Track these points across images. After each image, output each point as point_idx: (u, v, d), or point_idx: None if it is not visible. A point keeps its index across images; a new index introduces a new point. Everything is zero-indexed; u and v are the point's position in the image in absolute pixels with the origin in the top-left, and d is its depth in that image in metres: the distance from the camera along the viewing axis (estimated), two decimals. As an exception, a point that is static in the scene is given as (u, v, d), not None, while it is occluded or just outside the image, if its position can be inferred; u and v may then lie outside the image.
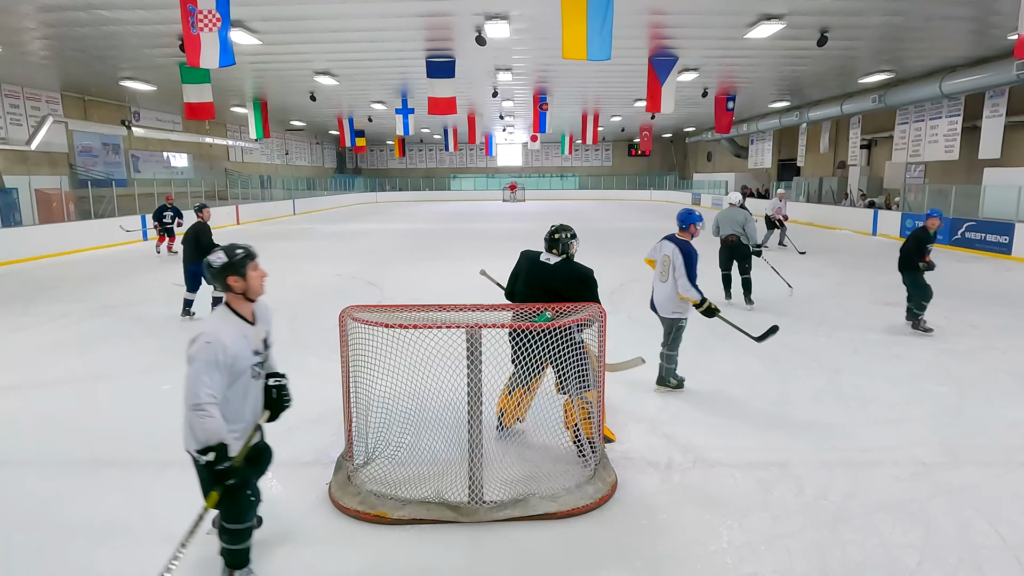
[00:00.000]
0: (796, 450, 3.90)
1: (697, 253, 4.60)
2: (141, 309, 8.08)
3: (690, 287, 4.47)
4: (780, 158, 26.09)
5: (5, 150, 15.50)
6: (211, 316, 2.54)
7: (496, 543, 2.96)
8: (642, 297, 8.66)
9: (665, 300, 4.68)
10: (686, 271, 4.48)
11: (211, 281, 2.56)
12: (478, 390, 3.09)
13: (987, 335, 6.54)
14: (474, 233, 18.60)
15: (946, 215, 14.59)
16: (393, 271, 11.17)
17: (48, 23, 10.11)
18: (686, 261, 4.50)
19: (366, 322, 3.15)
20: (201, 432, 2.35)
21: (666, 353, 4.83)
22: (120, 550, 2.92)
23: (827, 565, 2.77)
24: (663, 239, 4.80)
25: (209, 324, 2.48)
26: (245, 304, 2.56)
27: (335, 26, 10.47)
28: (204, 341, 2.37)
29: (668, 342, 4.80)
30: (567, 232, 3.89)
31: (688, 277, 4.48)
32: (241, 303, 2.55)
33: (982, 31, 10.93)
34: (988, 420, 4.39)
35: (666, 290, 4.65)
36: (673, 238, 4.71)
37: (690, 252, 4.55)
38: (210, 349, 2.35)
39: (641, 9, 9.55)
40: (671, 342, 4.78)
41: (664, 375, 4.87)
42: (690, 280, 4.48)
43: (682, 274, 4.49)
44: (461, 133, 29.86)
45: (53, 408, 4.70)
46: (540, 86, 17.57)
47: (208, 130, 23.36)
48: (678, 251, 4.54)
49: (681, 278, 4.49)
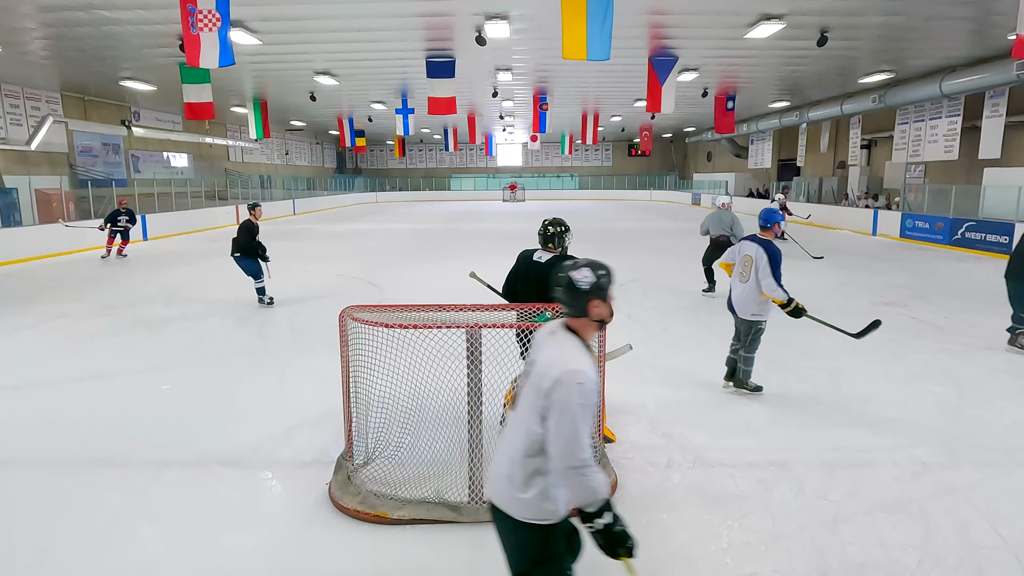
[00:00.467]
0: (796, 450, 3.90)
1: (781, 252, 4.50)
2: (141, 309, 8.08)
3: (776, 287, 4.37)
4: (780, 158, 26.10)
5: (5, 150, 15.51)
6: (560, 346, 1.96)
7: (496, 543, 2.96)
8: (642, 297, 8.70)
9: (745, 300, 4.58)
10: (771, 271, 4.38)
11: (565, 300, 2.03)
12: (478, 390, 3.09)
13: (987, 335, 6.54)
14: (474, 233, 18.61)
15: (946, 215, 14.62)
16: (393, 271, 11.17)
17: (48, 23, 10.11)
18: (771, 261, 4.40)
19: (366, 322, 3.15)
20: (588, 492, 1.85)
21: (744, 355, 4.73)
22: (120, 550, 2.92)
23: (827, 565, 2.77)
24: (743, 239, 4.74)
25: (569, 358, 1.90)
26: (593, 332, 2.08)
27: (335, 26, 10.47)
28: (576, 382, 1.83)
29: (746, 344, 4.69)
30: (561, 226, 3.87)
31: (773, 276, 4.38)
32: (591, 332, 2.07)
33: (982, 31, 10.93)
34: (988, 420, 4.39)
35: (746, 291, 4.56)
36: (755, 238, 4.60)
37: (774, 252, 4.45)
38: (585, 392, 1.84)
39: (641, 9, 9.55)
40: (749, 344, 4.68)
41: (742, 377, 4.76)
42: (776, 280, 4.38)
43: (767, 274, 4.39)
44: (461, 133, 29.87)
45: (53, 408, 4.70)
46: (540, 86, 17.57)
47: (208, 130, 23.37)
48: (762, 251, 4.44)
49: (766, 278, 4.39)
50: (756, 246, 4.52)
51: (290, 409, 4.60)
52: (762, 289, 4.45)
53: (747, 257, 4.57)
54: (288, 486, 3.52)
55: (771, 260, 4.40)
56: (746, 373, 4.76)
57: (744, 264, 4.58)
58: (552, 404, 1.83)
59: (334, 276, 10.30)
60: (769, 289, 4.40)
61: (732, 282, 4.74)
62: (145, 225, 16.37)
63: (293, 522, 3.14)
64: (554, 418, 1.82)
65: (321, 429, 4.21)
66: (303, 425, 4.30)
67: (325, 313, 7.48)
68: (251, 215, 7.97)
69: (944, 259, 12.66)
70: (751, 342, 4.68)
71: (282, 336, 6.79)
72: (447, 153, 39.93)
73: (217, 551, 2.91)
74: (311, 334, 6.72)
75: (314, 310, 7.87)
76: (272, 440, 4.07)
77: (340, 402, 3.56)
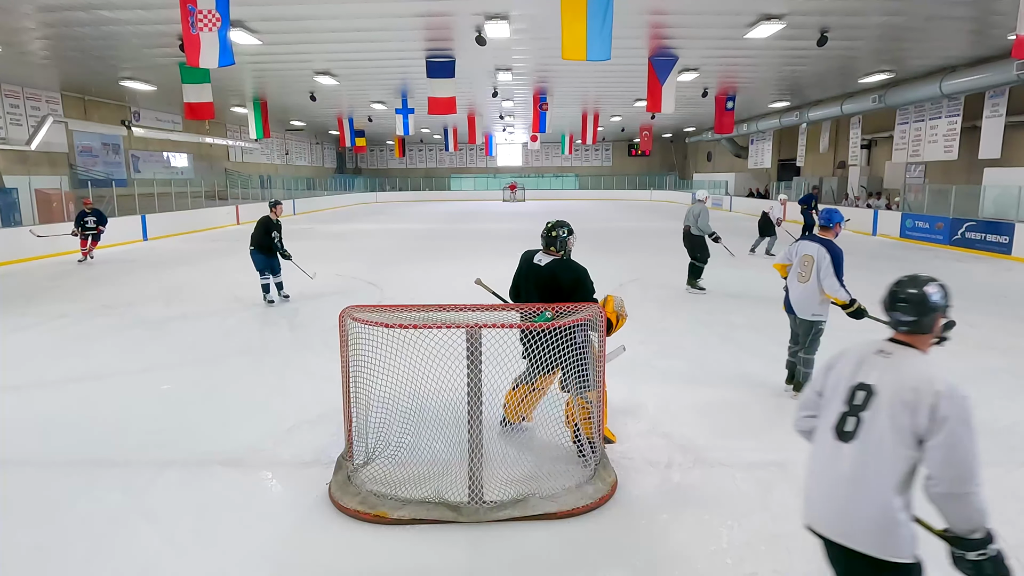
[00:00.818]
0: (796, 450, 3.87)
1: (843, 252, 4.47)
2: (140, 309, 8.08)
3: (839, 287, 4.34)
4: (780, 158, 26.10)
5: (5, 150, 15.51)
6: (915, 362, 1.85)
7: (496, 543, 2.96)
8: (642, 297, 8.70)
9: (805, 301, 4.54)
10: (834, 270, 4.36)
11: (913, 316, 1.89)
12: (478, 390, 3.09)
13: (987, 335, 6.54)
14: (474, 233, 18.61)
15: (946, 215, 14.62)
16: (393, 271, 11.17)
17: (48, 23, 10.11)
18: (834, 261, 4.38)
19: (366, 322, 3.15)
20: (978, 517, 1.71)
21: (803, 357, 4.65)
22: (120, 550, 2.92)
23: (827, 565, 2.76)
24: (800, 240, 4.71)
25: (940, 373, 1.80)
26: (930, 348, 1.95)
27: (335, 26, 10.47)
28: (962, 395, 1.72)
29: (805, 345, 4.63)
30: (563, 229, 3.85)
31: (836, 276, 4.35)
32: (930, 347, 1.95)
33: (982, 31, 10.93)
34: (988, 420, 4.38)
35: (806, 291, 4.51)
36: (816, 238, 4.57)
37: (837, 252, 4.43)
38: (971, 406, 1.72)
39: (641, 9, 9.55)
40: (808, 345, 4.62)
41: (802, 380, 4.67)
42: (839, 280, 4.36)
43: (829, 274, 4.36)
44: (461, 133, 29.86)
45: (53, 408, 4.70)
46: (540, 86, 17.58)
47: (208, 130, 23.37)
48: (824, 251, 4.41)
49: (828, 278, 4.36)
50: (818, 246, 4.48)
51: (290, 409, 4.60)
52: (824, 289, 4.42)
53: (807, 257, 4.52)
54: (288, 486, 3.52)
55: (834, 260, 4.38)
56: (806, 376, 4.66)
57: (803, 264, 4.53)
58: (941, 421, 1.69)
59: (334, 276, 10.30)
60: (832, 289, 4.37)
61: (789, 283, 4.68)
62: (145, 225, 16.37)
63: (293, 522, 3.14)
64: (945, 436, 1.67)
65: (321, 429, 4.21)
66: (303, 425, 4.30)
67: (325, 313, 7.48)
68: (271, 212, 8.19)
69: (944, 259, 12.66)
70: (811, 343, 4.62)
71: (282, 336, 6.79)
72: (447, 153, 39.92)
73: (217, 551, 2.91)
74: (311, 334, 6.72)
75: (314, 310, 7.88)
76: (272, 440, 4.07)
77: (340, 402, 3.56)
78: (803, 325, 4.62)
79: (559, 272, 3.77)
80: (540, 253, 3.90)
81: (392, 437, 3.61)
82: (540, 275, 3.81)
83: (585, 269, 3.78)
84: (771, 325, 7.07)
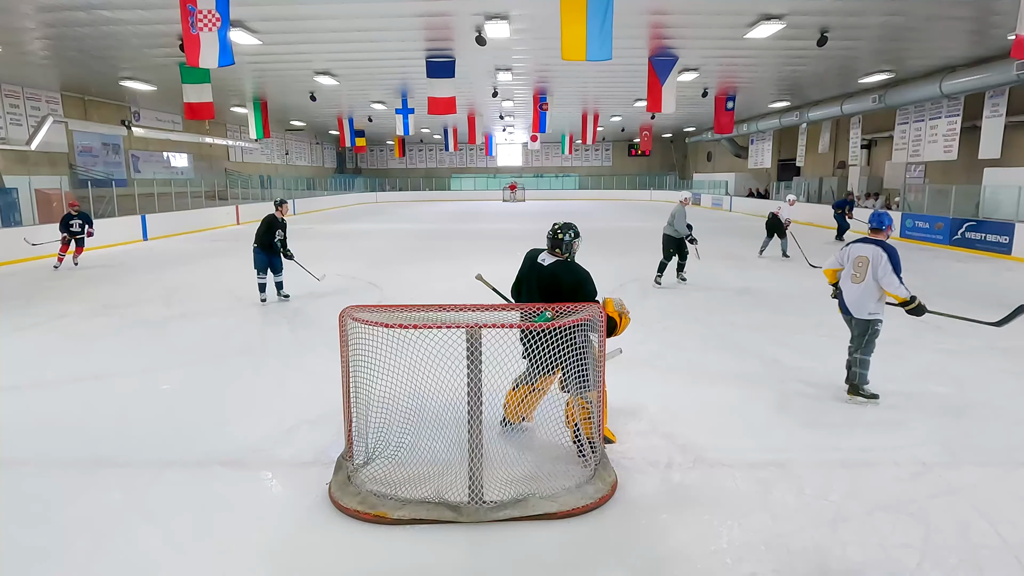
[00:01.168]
0: (796, 450, 3.90)
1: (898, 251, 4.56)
2: (141, 309, 8.08)
3: (899, 284, 4.43)
4: (780, 158, 26.09)
5: (5, 150, 15.51)
6: None
7: (496, 543, 2.96)
8: (642, 297, 8.70)
9: (862, 300, 4.59)
10: (892, 268, 4.44)
11: None
12: (478, 390, 3.09)
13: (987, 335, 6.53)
14: (474, 233, 18.61)
15: (946, 215, 14.62)
16: (393, 271, 11.17)
17: (48, 23, 10.11)
18: (891, 259, 4.46)
19: (366, 322, 3.15)
20: None
21: (860, 358, 4.65)
22: (120, 550, 2.92)
23: (827, 565, 2.77)
24: (852, 243, 4.76)
25: None
26: None
27: (335, 26, 10.47)
28: None
29: (862, 345, 4.65)
30: (571, 232, 3.84)
31: (896, 274, 4.44)
32: None
33: (982, 31, 10.93)
34: (988, 420, 4.39)
35: (861, 291, 4.58)
36: (869, 239, 4.66)
37: (893, 251, 4.51)
38: None
39: (641, 9, 9.55)
40: (865, 345, 4.64)
41: (858, 382, 4.66)
42: (898, 277, 4.44)
43: (888, 271, 4.44)
44: (461, 133, 29.87)
45: (53, 408, 4.69)
46: (540, 86, 17.58)
47: (208, 130, 23.37)
48: (881, 250, 4.50)
49: (887, 275, 4.44)
50: (872, 247, 4.57)
51: (290, 409, 4.60)
52: (884, 287, 4.49)
53: (861, 258, 4.59)
54: (288, 486, 3.52)
55: (891, 259, 4.47)
56: (862, 376, 4.66)
57: (857, 265, 4.61)
58: None
59: (334, 276, 10.30)
60: (893, 287, 4.45)
61: (843, 285, 4.73)
62: (145, 225, 16.37)
63: (293, 522, 3.14)
64: None
65: (321, 429, 4.21)
66: (303, 425, 4.30)
67: (325, 313, 7.48)
68: (276, 211, 8.18)
69: (944, 259, 12.66)
70: (867, 344, 4.65)
71: (282, 336, 6.79)
72: (447, 153, 39.93)
73: (217, 551, 2.91)
74: (311, 334, 6.72)
75: (314, 310, 7.88)
76: (272, 440, 4.07)
77: (340, 402, 3.56)
78: (859, 325, 4.66)
79: (561, 274, 3.77)
80: (545, 253, 3.90)
81: (392, 437, 3.61)
82: (542, 275, 3.81)
83: (588, 273, 3.77)
84: (771, 325, 7.08)
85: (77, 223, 11.51)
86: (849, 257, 4.71)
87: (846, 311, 4.74)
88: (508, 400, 3.93)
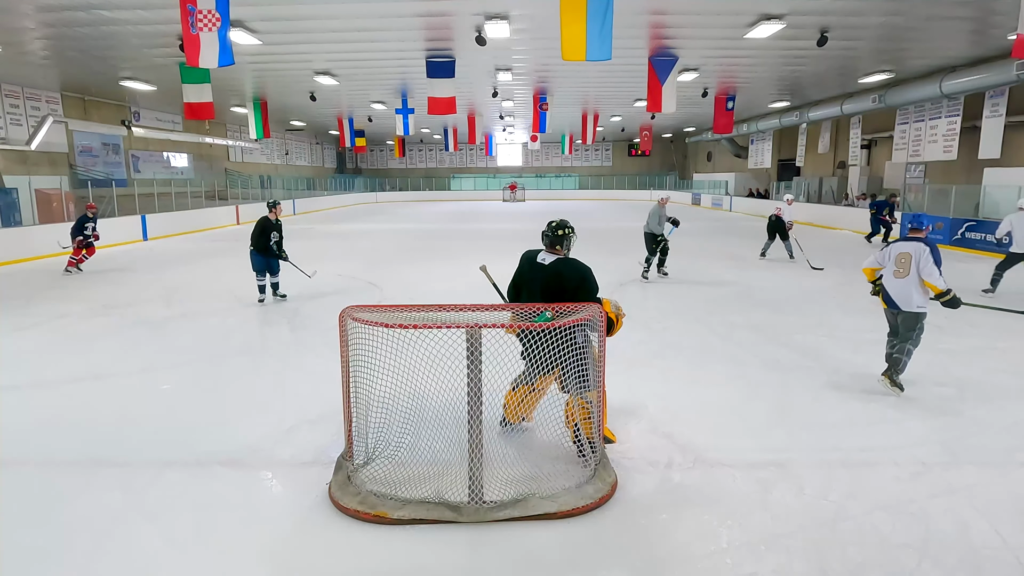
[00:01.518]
0: (796, 450, 3.90)
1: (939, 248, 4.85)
2: (141, 309, 8.08)
3: (939, 277, 4.70)
4: (780, 158, 26.10)
5: (5, 150, 15.51)
6: None
7: (496, 543, 2.96)
8: (642, 297, 8.71)
9: (908, 294, 4.82)
10: (934, 261, 4.73)
11: None
12: (478, 390, 3.09)
13: (987, 335, 6.54)
14: (474, 233, 18.61)
15: (946, 215, 14.62)
16: (393, 271, 11.17)
17: (48, 23, 10.11)
18: (933, 254, 4.75)
19: (366, 322, 3.15)
20: None
21: (909, 348, 4.88)
22: (120, 550, 2.92)
23: (827, 565, 2.77)
24: (894, 242, 5.05)
25: None
26: None
27: (335, 26, 10.47)
28: None
29: (913, 337, 4.86)
30: (569, 228, 3.88)
31: (936, 266, 4.73)
32: None
33: (982, 31, 10.93)
34: (988, 420, 4.39)
35: (907, 285, 4.82)
36: (911, 238, 4.93)
37: (935, 246, 4.80)
38: None
39: (641, 9, 9.55)
40: (915, 337, 4.86)
41: (900, 369, 4.85)
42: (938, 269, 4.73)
43: (929, 262, 4.72)
44: (461, 133, 29.87)
45: (53, 408, 4.69)
46: (540, 86, 17.57)
47: (208, 130, 23.37)
48: (923, 246, 4.78)
49: (928, 265, 4.72)
50: (915, 243, 4.84)
51: (290, 409, 4.60)
52: (924, 277, 4.74)
53: (904, 255, 4.85)
54: (288, 486, 3.52)
55: (933, 253, 4.76)
56: (905, 366, 4.88)
57: (900, 262, 4.86)
58: None
59: (334, 276, 10.30)
60: (932, 277, 4.71)
61: (887, 282, 4.95)
62: (145, 225, 16.37)
63: (293, 522, 3.14)
64: None
65: (321, 429, 4.21)
66: (303, 425, 4.30)
67: (325, 313, 7.48)
68: (270, 213, 8.19)
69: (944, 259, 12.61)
70: (917, 336, 4.86)
71: (282, 336, 6.79)
72: (447, 153, 39.93)
73: (217, 551, 2.91)
74: (311, 334, 6.72)
75: (314, 310, 7.87)
76: (272, 440, 4.07)
77: (340, 402, 3.56)
78: (908, 319, 4.86)
79: (564, 271, 3.78)
80: (543, 252, 3.90)
81: (392, 437, 3.61)
82: (545, 274, 3.81)
83: (589, 268, 3.79)
84: (771, 325, 7.08)
85: (91, 226, 11.26)
86: (891, 256, 4.95)
87: (894, 306, 4.92)
88: (507, 401, 3.93)
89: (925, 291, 4.80)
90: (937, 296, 4.75)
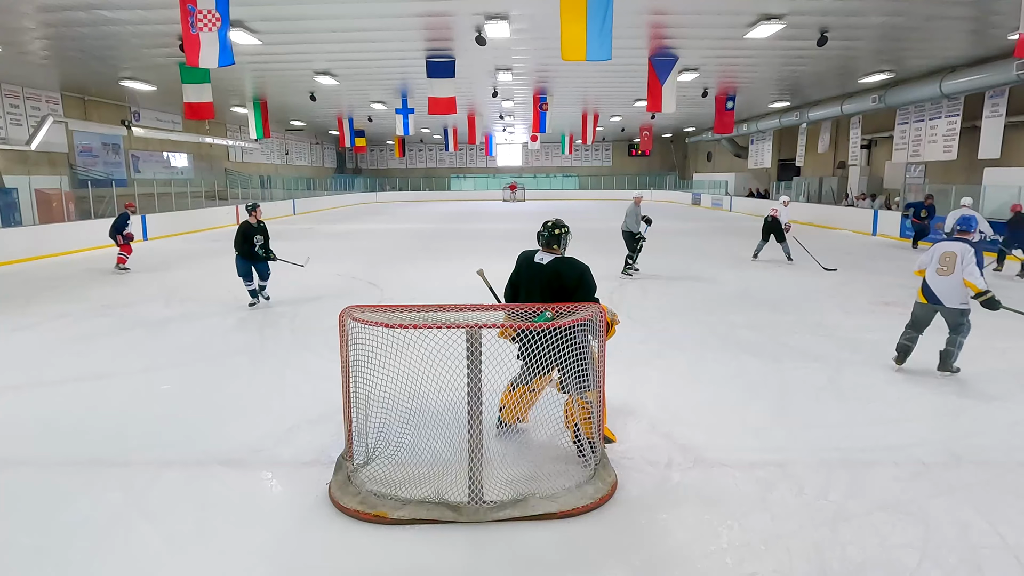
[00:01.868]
0: (796, 450, 3.90)
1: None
2: (141, 309, 8.08)
3: (980, 277, 4.93)
4: (780, 158, 26.08)
5: (5, 150, 15.50)
6: None
7: (496, 543, 2.96)
8: (642, 297, 8.70)
9: (952, 291, 5.06)
10: (976, 263, 4.97)
11: None
12: (478, 390, 3.09)
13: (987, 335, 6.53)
14: (474, 233, 18.61)
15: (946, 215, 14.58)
16: (393, 271, 11.17)
17: (48, 23, 10.10)
18: (977, 255, 5.01)
19: (366, 322, 3.15)
20: None
21: (961, 340, 5.18)
22: (120, 550, 2.92)
23: (827, 565, 2.77)
24: (940, 242, 5.30)
25: None
26: None
27: (335, 26, 10.47)
28: None
29: (963, 331, 5.15)
30: (565, 227, 3.90)
31: (979, 268, 4.97)
32: None
33: (982, 31, 10.92)
34: (988, 420, 4.39)
35: (951, 283, 5.05)
36: (957, 239, 5.17)
37: (978, 248, 5.09)
38: None
39: (641, 9, 9.55)
40: (964, 330, 5.15)
41: (953, 360, 5.21)
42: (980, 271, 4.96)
43: (971, 261, 4.96)
44: (461, 133, 29.86)
45: (53, 408, 4.69)
46: (540, 86, 17.57)
47: (208, 130, 23.36)
48: (967, 247, 5.03)
49: (970, 265, 4.95)
50: (960, 244, 5.10)
51: (290, 409, 4.60)
52: (965, 277, 4.96)
53: (949, 254, 5.09)
54: (288, 486, 3.52)
55: (977, 254, 5.03)
56: (956, 356, 5.21)
57: (944, 260, 5.10)
58: None
59: (334, 276, 10.30)
60: (973, 276, 4.93)
61: (930, 280, 5.17)
62: (145, 225, 16.37)
63: (293, 522, 3.14)
64: None
65: (321, 429, 4.21)
66: (303, 425, 4.30)
67: (325, 313, 7.48)
68: (249, 216, 7.92)
69: (944, 259, 12.61)
70: (965, 329, 5.14)
71: (282, 336, 6.79)
72: (447, 153, 39.92)
73: (217, 551, 2.91)
74: (311, 334, 6.72)
75: (314, 310, 7.87)
76: (272, 440, 4.07)
77: (340, 402, 3.56)
78: (952, 314, 5.13)
79: (563, 270, 3.78)
80: (540, 252, 3.90)
81: (392, 437, 3.61)
82: (543, 274, 3.81)
83: (587, 266, 3.80)
84: (771, 325, 7.08)
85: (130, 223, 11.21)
86: (935, 255, 5.18)
87: (936, 302, 5.15)
88: (504, 402, 3.93)
89: (966, 289, 5.02)
90: (977, 296, 4.96)
